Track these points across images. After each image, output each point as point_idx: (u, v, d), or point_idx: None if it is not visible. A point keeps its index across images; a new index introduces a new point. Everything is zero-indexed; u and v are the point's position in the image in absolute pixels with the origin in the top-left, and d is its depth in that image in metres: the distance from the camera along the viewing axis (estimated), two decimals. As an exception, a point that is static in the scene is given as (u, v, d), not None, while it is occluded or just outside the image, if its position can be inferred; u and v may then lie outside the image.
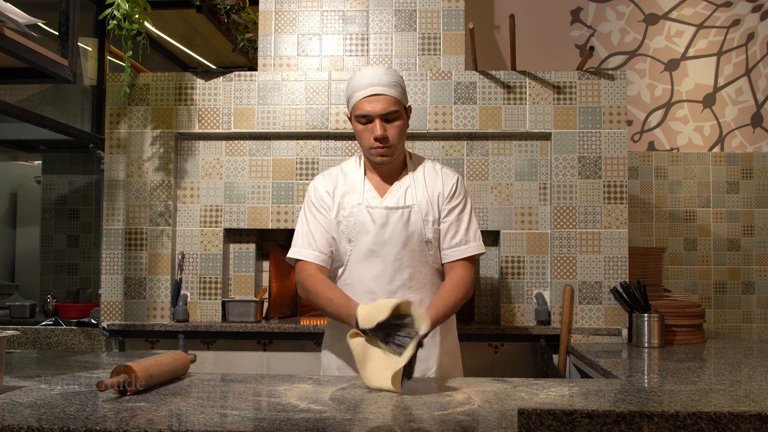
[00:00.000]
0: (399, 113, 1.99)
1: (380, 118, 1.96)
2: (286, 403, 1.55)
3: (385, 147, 1.98)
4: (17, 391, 1.63)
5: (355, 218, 2.03)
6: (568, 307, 2.87)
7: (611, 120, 2.93)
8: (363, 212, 2.03)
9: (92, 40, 3.70)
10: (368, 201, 2.05)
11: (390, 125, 1.98)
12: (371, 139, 1.98)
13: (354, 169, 2.12)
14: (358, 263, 2.04)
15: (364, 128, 1.99)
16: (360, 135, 2.01)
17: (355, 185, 2.08)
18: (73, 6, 2.13)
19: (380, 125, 1.96)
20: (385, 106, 1.96)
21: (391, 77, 1.99)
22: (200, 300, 3.03)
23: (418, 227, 2.03)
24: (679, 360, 2.36)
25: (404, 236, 2.02)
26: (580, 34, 3.81)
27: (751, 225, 3.74)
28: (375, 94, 1.96)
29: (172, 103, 3.04)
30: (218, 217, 3.05)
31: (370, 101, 1.96)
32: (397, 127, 1.99)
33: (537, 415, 1.22)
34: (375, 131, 1.96)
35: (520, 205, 3.00)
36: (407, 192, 2.05)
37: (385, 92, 1.96)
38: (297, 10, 3.18)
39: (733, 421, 1.22)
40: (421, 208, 2.04)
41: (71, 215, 4.07)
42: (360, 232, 2.03)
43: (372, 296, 2.01)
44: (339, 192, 2.07)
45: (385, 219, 2.02)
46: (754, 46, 3.79)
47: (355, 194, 2.06)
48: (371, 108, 1.96)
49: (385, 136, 1.96)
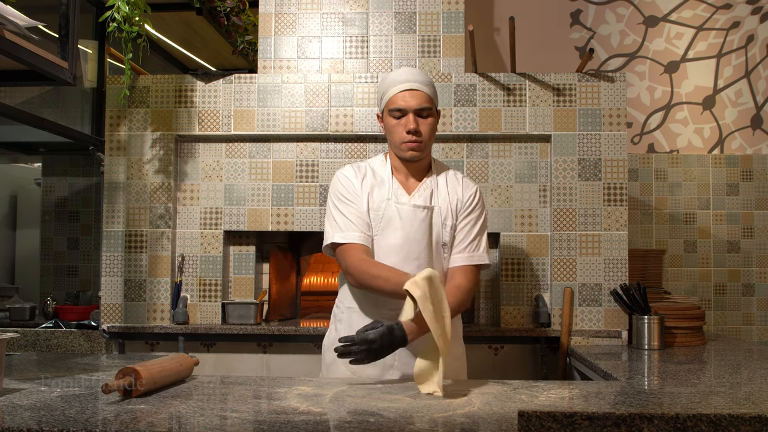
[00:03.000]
0: (431, 111, 2.04)
1: (414, 113, 2.01)
2: (286, 405, 1.55)
3: (417, 141, 2.02)
4: (17, 394, 1.63)
5: (382, 213, 2.05)
6: (568, 309, 2.87)
7: (611, 122, 2.94)
8: (391, 208, 2.05)
9: (92, 42, 3.71)
10: (397, 197, 2.07)
11: (423, 121, 2.03)
12: (404, 132, 2.02)
13: (381, 166, 2.14)
14: (381, 258, 2.05)
15: (397, 122, 2.03)
16: (392, 130, 2.04)
17: (383, 181, 2.10)
18: (73, 8, 2.13)
19: (414, 119, 2.01)
20: (420, 101, 2.01)
21: (426, 77, 2.07)
22: (200, 302, 3.03)
23: (438, 229, 2.06)
24: (679, 362, 2.36)
25: (427, 236, 2.05)
26: (579, 36, 3.81)
27: (750, 227, 3.74)
28: (411, 89, 2.01)
29: (172, 106, 3.04)
30: (218, 220, 3.05)
31: (404, 96, 2.01)
32: (429, 124, 2.04)
33: (537, 418, 1.22)
34: (408, 124, 2.00)
35: (520, 207, 3.00)
36: (433, 194, 2.09)
37: (420, 88, 2.02)
38: (297, 13, 3.19)
39: (733, 423, 1.22)
40: (441, 210, 2.07)
41: (71, 217, 4.08)
42: (386, 227, 2.04)
43: None
44: (367, 184, 2.08)
45: (412, 216, 2.04)
46: (753, 48, 3.79)
47: (384, 189, 2.08)
48: (406, 102, 2.01)
49: (418, 129, 2.01)
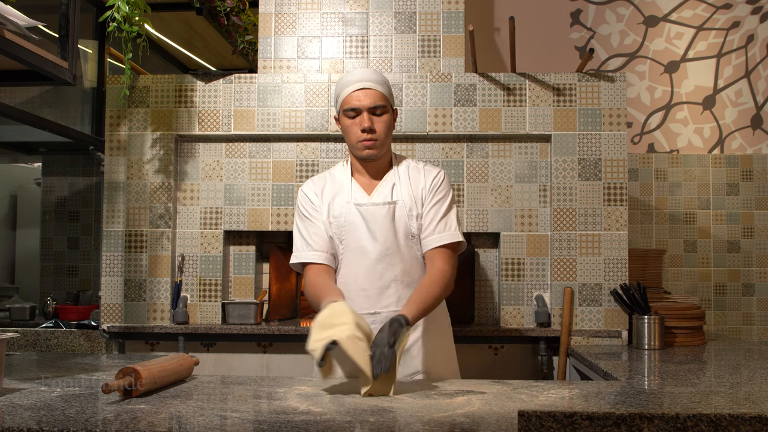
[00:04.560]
0: (386, 108, 2.05)
1: (368, 112, 2.02)
2: (286, 405, 1.55)
3: (372, 140, 2.02)
4: (17, 394, 1.63)
5: (344, 217, 2.06)
6: (568, 309, 2.87)
7: (611, 122, 2.94)
8: (352, 210, 2.06)
9: (92, 42, 3.71)
10: (356, 199, 2.08)
11: (377, 119, 2.04)
12: (359, 132, 2.03)
13: (341, 172, 2.15)
14: (349, 261, 2.06)
15: (352, 122, 2.04)
16: (348, 130, 2.05)
17: (342, 186, 2.11)
18: (73, 8, 2.13)
19: (368, 117, 2.02)
20: (373, 100, 2.02)
21: (379, 76, 2.07)
22: (200, 302, 3.03)
23: (404, 222, 2.06)
24: (679, 362, 2.36)
25: (392, 232, 2.04)
26: (579, 36, 3.81)
27: (750, 227, 3.74)
28: (363, 88, 2.03)
29: (172, 106, 3.04)
30: (218, 219, 3.05)
31: (358, 95, 2.02)
32: (384, 122, 2.04)
33: (537, 417, 1.22)
34: (363, 123, 2.01)
35: (520, 207, 3.00)
36: (393, 189, 2.09)
37: (373, 87, 2.03)
38: (297, 13, 3.19)
39: (733, 423, 1.22)
40: (405, 203, 2.07)
41: (71, 217, 4.07)
42: (350, 230, 2.05)
43: (365, 293, 2.04)
44: (328, 194, 2.10)
45: (373, 215, 2.04)
46: (753, 48, 3.79)
47: (344, 194, 2.09)
48: (359, 101, 2.02)
49: (372, 128, 2.02)
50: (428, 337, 2.09)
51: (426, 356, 2.07)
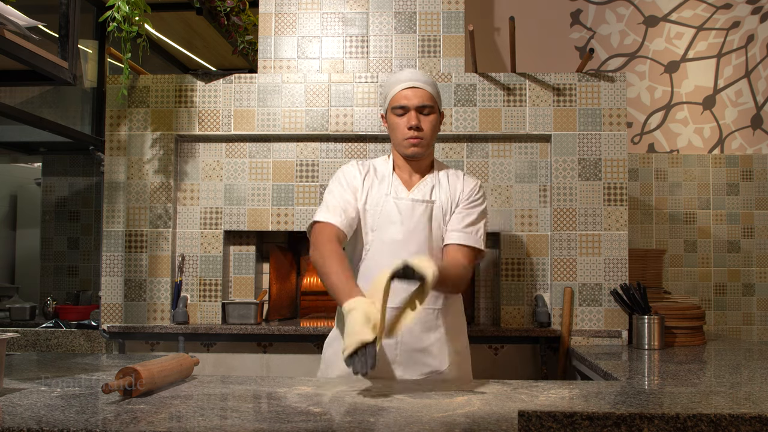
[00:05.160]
0: (433, 109, 2.09)
1: (415, 110, 2.05)
2: (286, 405, 1.55)
3: (419, 138, 2.05)
4: (17, 394, 1.63)
5: (381, 208, 2.07)
6: (568, 309, 2.87)
7: (611, 122, 2.94)
8: (390, 203, 2.07)
9: (92, 42, 3.71)
10: (396, 192, 2.10)
11: (424, 118, 2.07)
12: (405, 129, 2.05)
13: (383, 165, 2.17)
14: (379, 253, 2.05)
15: (400, 120, 2.07)
16: (395, 127, 2.08)
17: (384, 178, 2.13)
18: (73, 8, 2.13)
19: (416, 115, 2.05)
20: (422, 99, 2.06)
21: (428, 77, 2.13)
22: (200, 302, 3.03)
23: (438, 223, 2.08)
24: (679, 362, 2.36)
25: (427, 230, 2.06)
26: (579, 36, 3.81)
27: (751, 227, 3.74)
28: (412, 86, 2.06)
29: (172, 106, 3.04)
30: (218, 219, 3.05)
31: (407, 94, 2.06)
32: (431, 122, 2.08)
33: (537, 417, 1.22)
34: (410, 121, 2.04)
35: (520, 207, 3.00)
36: (433, 189, 2.11)
37: (422, 86, 2.07)
38: (297, 13, 3.19)
39: (734, 423, 1.22)
40: (443, 205, 2.09)
41: (71, 217, 4.07)
42: (385, 222, 2.06)
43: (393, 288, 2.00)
44: (369, 180, 2.12)
45: (410, 211, 2.06)
46: (753, 48, 3.79)
47: (383, 186, 2.11)
48: (408, 99, 2.05)
49: (419, 125, 2.05)
50: (448, 338, 2.09)
51: (444, 357, 2.08)
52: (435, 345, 2.06)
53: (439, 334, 2.07)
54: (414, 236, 2.04)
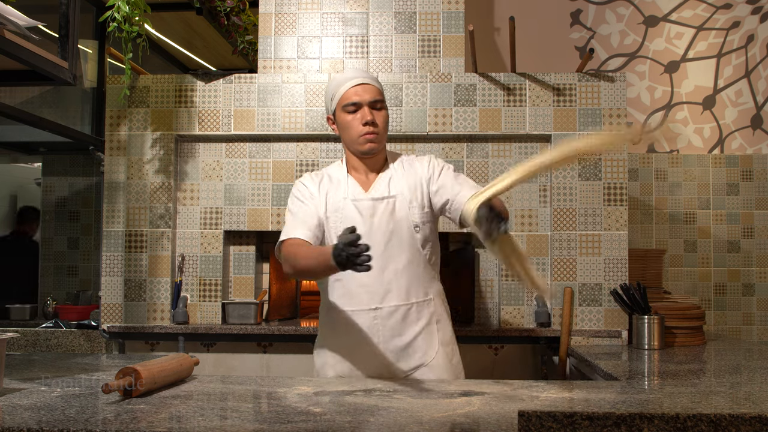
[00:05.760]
0: (384, 104, 2.11)
1: (368, 105, 2.06)
2: (286, 405, 1.55)
3: (374, 133, 2.06)
4: (17, 394, 1.63)
5: (341, 213, 2.08)
6: (568, 309, 2.87)
7: (611, 122, 2.93)
8: (349, 206, 2.08)
9: (92, 42, 3.71)
10: (353, 195, 2.10)
11: (377, 113, 2.08)
12: (360, 125, 2.06)
13: (337, 170, 2.18)
14: None
15: (353, 117, 2.07)
16: (348, 125, 2.08)
17: (339, 183, 2.14)
18: (73, 8, 2.13)
19: (369, 111, 2.06)
20: (373, 94, 2.08)
21: (372, 74, 2.15)
22: (200, 302, 3.03)
23: (404, 214, 2.07)
24: (679, 362, 2.36)
25: (391, 225, 2.06)
26: (579, 36, 3.81)
27: (750, 227, 3.74)
28: (363, 83, 2.08)
29: (172, 106, 3.04)
30: (218, 219, 3.05)
31: (357, 90, 2.07)
32: (383, 116, 2.10)
33: (537, 417, 1.22)
34: (365, 116, 2.05)
35: (520, 207, 3.00)
36: (390, 183, 2.12)
37: (371, 83, 2.10)
38: (297, 13, 3.19)
39: (733, 423, 1.22)
40: (404, 196, 2.09)
41: (71, 217, 4.08)
42: (347, 225, 2.04)
43: (366, 289, 2.04)
44: (324, 189, 2.13)
45: (371, 210, 2.07)
46: (753, 48, 3.79)
47: (340, 190, 2.12)
48: (360, 96, 2.06)
49: (374, 120, 2.06)
50: (429, 330, 2.09)
51: (429, 349, 2.08)
52: (418, 338, 2.07)
53: (419, 327, 2.07)
54: (379, 234, 2.04)
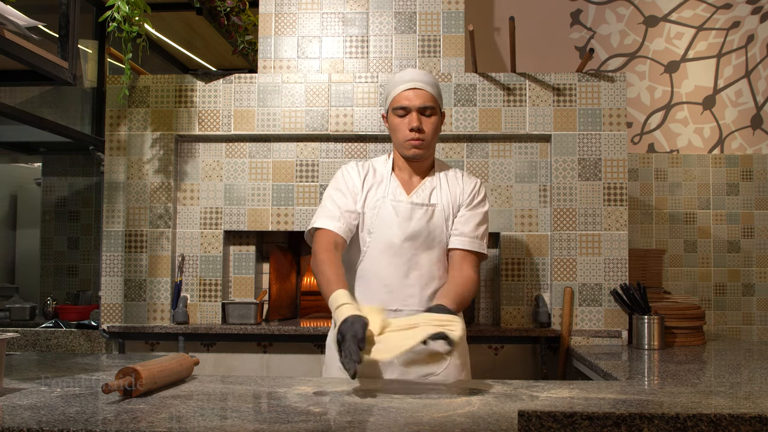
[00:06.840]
0: (435, 110, 2.07)
1: (417, 111, 2.04)
2: (286, 405, 1.55)
3: (420, 139, 2.04)
4: (17, 393, 1.63)
5: (378, 210, 2.06)
6: (568, 309, 2.87)
7: (611, 122, 2.94)
8: (387, 206, 2.06)
9: (92, 42, 3.71)
10: (394, 195, 2.09)
11: (426, 119, 2.05)
12: (407, 130, 2.04)
13: (383, 165, 2.16)
14: (376, 256, 2.06)
15: (401, 121, 2.06)
16: (396, 128, 2.07)
17: (382, 179, 2.12)
18: (73, 8, 2.13)
19: (417, 117, 2.04)
20: (424, 100, 2.04)
21: (430, 77, 2.10)
22: (200, 302, 3.03)
23: (440, 226, 2.07)
24: (679, 362, 2.36)
25: (426, 233, 2.06)
26: (579, 36, 3.81)
27: (751, 227, 3.74)
28: (414, 87, 2.04)
29: (172, 106, 3.04)
30: (218, 219, 3.05)
31: (408, 95, 2.04)
32: (432, 123, 2.06)
33: (537, 417, 1.22)
34: (412, 122, 2.03)
35: (520, 207, 3.00)
36: (433, 192, 2.11)
37: (424, 87, 2.05)
38: (297, 13, 3.19)
39: (734, 423, 1.22)
40: (444, 208, 2.09)
41: (71, 217, 4.07)
42: (382, 225, 2.05)
43: (387, 289, 2.03)
44: (368, 182, 2.11)
45: (409, 214, 2.05)
46: (753, 48, 3.79)
47: (381, 188, 2.10)
48: (409, 101, 2.04)
49: (421, 127, 2.03)
50: None
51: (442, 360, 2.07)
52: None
53: None
54: (411, 240, 2.04)
